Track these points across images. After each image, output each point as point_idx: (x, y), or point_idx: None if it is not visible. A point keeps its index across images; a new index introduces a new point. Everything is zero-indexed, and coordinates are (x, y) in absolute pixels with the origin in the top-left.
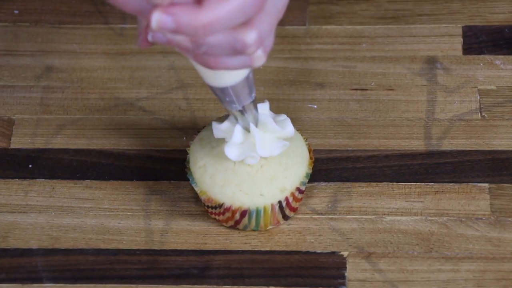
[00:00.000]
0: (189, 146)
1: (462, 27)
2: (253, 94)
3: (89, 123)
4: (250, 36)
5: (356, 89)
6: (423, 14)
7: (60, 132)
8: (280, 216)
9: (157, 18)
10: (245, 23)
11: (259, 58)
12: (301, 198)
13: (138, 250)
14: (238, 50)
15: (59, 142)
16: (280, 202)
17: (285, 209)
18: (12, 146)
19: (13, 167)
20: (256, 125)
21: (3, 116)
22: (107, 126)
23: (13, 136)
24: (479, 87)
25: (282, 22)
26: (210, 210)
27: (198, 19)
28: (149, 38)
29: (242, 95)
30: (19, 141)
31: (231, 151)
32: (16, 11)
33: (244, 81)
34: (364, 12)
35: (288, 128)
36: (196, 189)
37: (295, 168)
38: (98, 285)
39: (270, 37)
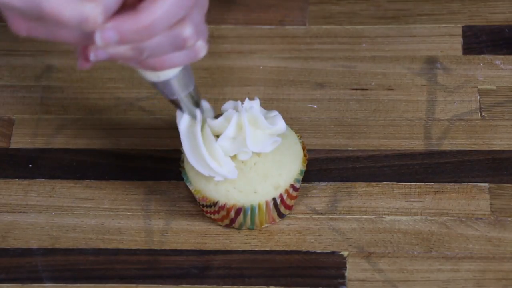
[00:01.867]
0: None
1: (462, 27)
2: (193, 79)
3: (89, 123)
4: (187, 30)
5: (356, 89)
6: (423, 14)
7: (60, 132)
8: (275, 214)
9: (101, 36)
10: (180, 19)
11: (201, 48)
12: (296, 196)
13: (138, 250)
14: (179, 46)
15: (59, 142)
16: (274, 200)
17: (280, 207)
18: (12, 146)
19: (13, 167)
20: (201, 112)
21: (3, 116)
22: (107, 126)
23: (13, 136)
24: (479, 87)
25: (282, 22)
26: (205, 209)
27: (138, 23)
28: (92, 57)
29: (185, 83)
30: (19, 141)
31: (224, 144)
32: None
33: (183, 70)
34: (364, 12)
35: (279, 124)
36: (190, 188)
37: (289, 166)
38: (98, 285)
39: (204, 27)
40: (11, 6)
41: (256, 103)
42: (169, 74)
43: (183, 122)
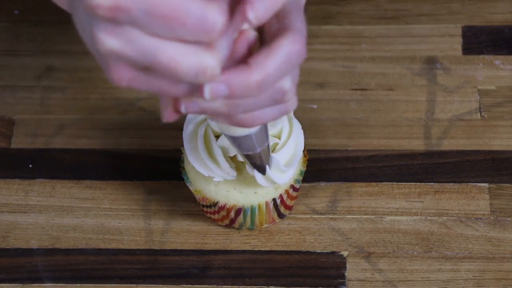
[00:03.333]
0: (183, 146)
1: (462, 27)
2: (268, 134)
3: (89, 123)
4: (287, 83)
5: (356, 89)
6: (423, 14)
7: (60, 132)
8: (275, 214)
9: (210, 89)
10: None
11: (293, 101)
12: (296, 196)
13: (138, 250)
14: (277, 100)
15: (59, 142)
16: (274, 200)
17: (280, 207)
18: (13, 146)
19: (13, 167)
20: (270, 167)
21: (4, 116)
22: (107, 126)
23: (13, 136)
24: (479, 87)
25: None
26: (205, 209)
27: (250, 79)
28: (182, 109)
29: (263, 137)
30: (20, 141)
31: (224, 145)
32: (16, 11)
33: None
34: (364, 12)
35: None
36: (190, 188)
37: None
38: (98, 285)
39: (297, 77)
40: (121, 55)
41: None
42: (252, 129)
43: (189, 126)
